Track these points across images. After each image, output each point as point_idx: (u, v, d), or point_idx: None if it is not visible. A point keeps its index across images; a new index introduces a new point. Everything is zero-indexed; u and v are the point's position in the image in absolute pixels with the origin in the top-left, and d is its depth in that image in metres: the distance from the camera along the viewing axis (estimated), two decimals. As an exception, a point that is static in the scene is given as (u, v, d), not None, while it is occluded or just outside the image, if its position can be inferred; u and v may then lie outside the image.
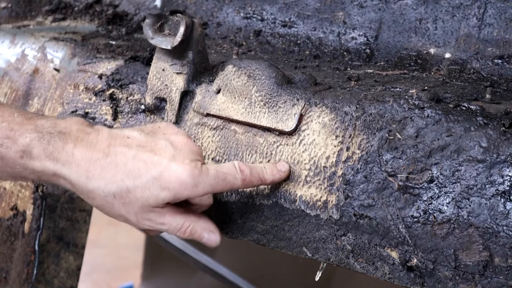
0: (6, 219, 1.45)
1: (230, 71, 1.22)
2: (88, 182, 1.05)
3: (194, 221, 1.10)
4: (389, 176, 1.08)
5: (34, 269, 1.43)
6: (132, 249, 4.00)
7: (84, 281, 2.73)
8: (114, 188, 1.05)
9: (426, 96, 1.10)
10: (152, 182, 1.05)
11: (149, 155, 1.06)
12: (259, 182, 1.12)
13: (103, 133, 1.07)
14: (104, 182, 1.05)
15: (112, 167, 1.05)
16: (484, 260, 1.02)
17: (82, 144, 1.05)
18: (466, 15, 1.32)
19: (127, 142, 1.07)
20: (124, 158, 1.05)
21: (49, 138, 1.05)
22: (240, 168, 1.10)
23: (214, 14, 1.55)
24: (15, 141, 1.05)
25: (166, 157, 1.06)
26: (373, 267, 1.09)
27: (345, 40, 1.41)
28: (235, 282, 2.68)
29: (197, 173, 1.05)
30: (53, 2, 1.69)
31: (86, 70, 1.39)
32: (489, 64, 1.29)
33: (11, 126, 1.05)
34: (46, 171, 1.06)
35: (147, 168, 1.05)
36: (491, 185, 1.03)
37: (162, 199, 1.06)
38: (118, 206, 1.06)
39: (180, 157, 1.06)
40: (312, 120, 1.15)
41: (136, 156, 1.05)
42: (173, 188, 1.05)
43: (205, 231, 1.11)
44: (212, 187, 1.07)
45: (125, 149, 1.06)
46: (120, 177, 1.05)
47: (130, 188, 1.05)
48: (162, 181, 1.05)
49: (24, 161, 1.05)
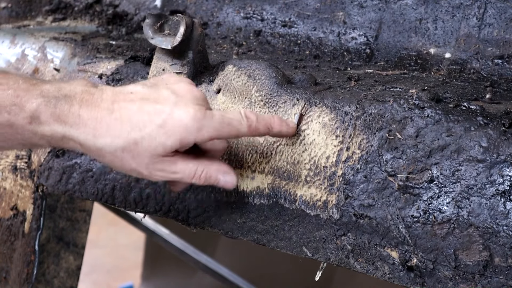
0: (6, 219, 1.45)
1: (230, 71, 1.22)
2: (95, 141, 1.05)
3: (208, 165, 1.10)
4: (389, 176, 1.08)
5: (34, 269, 1.43)
6: (132, 249, 4.01)
7: (84, 281, 2.73)
8: (121, 142, 1.05)
9: (426, 96, 1.10)
10: (157, 131, 1.05)
11: (152, 106, 1.06)
12: (265, 130, 1.12)
13: (107, 92, 1.08)
14: (111, 138, 1.05)
15: (117, 123, 1.05)
16: (484, 260, 1.02)
17: (87, 105, 1.06)
18: (466, 15, 1.32)
19: (131, 97, 1.07)
20: (129, 112, 1.05)
21: (55, 102, 1.05)
22: (246, 115, 1.09)
23: (214, 14, 1.55)
24: (22, 108, 1.05)
25: (168, 105, 1.06)
26: (373, 267, 1.09)
27: (345, 40, 1.41)
28: (235, 282, 2.68)
29: (200, 116, 1.05)
30: (53, 2, 1.69)
31: (86, 70, 1.39)
32: (489, 64, 1.29)
33: (17, 93, 1.06)
34: (55, 135, 1.06)
35: (151, 118, 1.05)
36: (491, 185, 1.03)
37: (169, 146, 1.05)
38: (128, 160, 1.06)
39: (182, 103, 1.06)
40: (312, 120, 1.15)
41: (140, 108, 1.06)
42: (178, 133, 1.05)
43: (220, 173, 1.11)
44: (217, 131, 1.07)
45: (129, 104, 1.06)
46: (126, 131, 1.05)
47: (137, 140, 1.05)
48: (167, 128, 1.05)
49: (33, 127, 1.06)
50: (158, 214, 1.27)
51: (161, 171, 1.08)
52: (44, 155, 1.38)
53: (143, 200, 1.28)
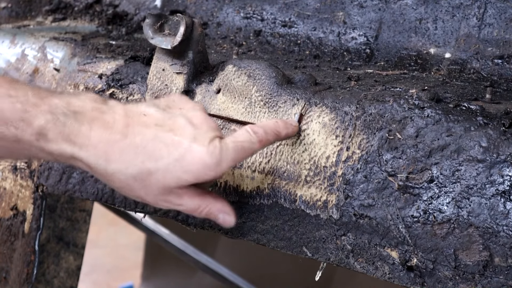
0: (6, 219, 1.45)
1: (230, 71, 1.22)
2: (107, 165, 1.03)
3: (212, 203, 1.09)
4: (389, 176, 1.08)
5: (34, 269, 1.43)
6: (132, 249, 4.00)
7: (84, 281, 2.73)
8: (135, 171, 1.03)
9: (426, 96, 1.10)
10: (173, 165, 1.03)
11: (169, 136, 1.04)
12: (275, 138, 1.11)
13: (119, 112, 1.05)
14: (124, 165, 1.03)
15: (131, 149, 1.03)
16: (484, 260, 1.02)
17: (98, 126, 1.03)
18: (466, 15, 1.32)
19: (144, 120, 1.05)
20: (144, 139, 1.03)
21: (64, 119, 1.02)
22: (253, 131, 1.08)
23: (214, 14, 1.55)
24: (30, 124, 1.02)
25: (186, 138, 1.04)
26: (373, 267, 1.09)
27: (345, 40, 1.41)
28: (235, 282, 2.68)
29: (218, 151, 1.04)
30: (53, 2, 1.69)
31: (86, 70, 1.39)
32: (489, 64, 1.29)
33: (25, 108, 1.02)
34: (64, 154, 1.04)
35: (168, 149, 1.03)
36: (491, 185, 1.03)
37: (184, 181, 1.04)
38: (138, 188, 1.04)
39: (200, 137, 1.04)
40: (312, 120, 1.15)
41: (156, 137, 1.03)
42: (197, 169, 1.03)
43: (220, 213, 1.10)
44: (234, 160, 1.06)
45: (144, 129, 1.04)
46: (141, 160, 1.03)
47: (152, 171, 1.03)
48: (185, 163, 1.03)
49: (40, 144, 1.03)
50: (158, 214, 1.27)
51: (167, 202, 1.07)
52: (44, 155, 1.38)
53: (143, 200, 1.28)
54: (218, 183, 1.21)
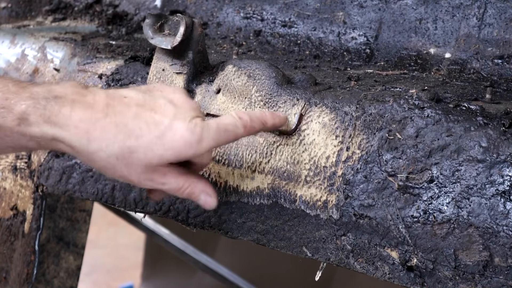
0: (6, 219, 1.45)
1: (230, 71, 1.22)
2: (88, 144, 1.03)
3: (194, 182, 1.09)
4: (389, 176, 1.08)
5: (34, 269, 1.43)
6: (132, 249, 4.01)
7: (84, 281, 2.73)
8: (116, 149, 1.03)
9: (426, 96, 1.10)
10: (155, 142, 1.03)
11: (149, 114, 1.04)
12: (260, 126, 1.11)
13: (100, 94, 1.05)
14: (105, 143, 1.03)
15: (112, 127, 1.03)
16: (484, 260, 1.02)
17: (79, 106, 1.03)
18: (466, 15, 1.32)
19: (125, 101, 1.05)
20: (124, 117, 1.03)
21: (45, 103, 1.03)
22: (239, 116, 1.09)
23: (214, 14, 1.55)
24: (10, 110, 1.02)
25: (167, 116, 1.04)
26: (373, 267, 1.09)
27: (345, 40, 1.41)
28: (235, 282, 2.68)
29: (199, 130, 1.04)
30: (53, 2, 1.69)
31: (86, 70, 1.39)
32: (489, 64, 1.29)
33: (5, 96, 1.03)
34: (45, 136, 1.03)
35: (149, 127, 1.03)
36: (491, 185, 1.03)
37: (166, 159, 1.04)
38: (121, 167, 1.04)
39: (180, 115, 1.05)
40: (312, 120, 1.15)
41: (137, 115, 1.04)
42: (177, 146, 1.04)
43: (202, 193, 1.10)
44: (215, 140, 1.06)
45: (125, 108, 1.04)
46: (122, 138, 1.03)
47: (133, 149, 1.03)
48: (166, 140, 1.03)
49: (21, 128, 1.03)
50: (158, 214, 1.27)
51: (150, 180, 1.06)
52: (44, 155, 1.38)
53: (143, 200, 1.28)
54: (218, 183, 1.21)
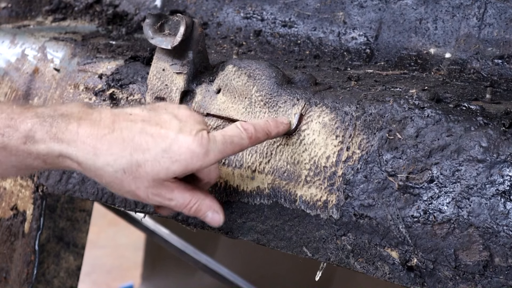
0: (6, 219, 1.45)
1: (230, 71, 1.22)
2: (96, 159, 1.03)
3: (201, 199, 1.09)
4: (389, 176, 1.08)
5: (34, 269, 1.43)
6: (132, 249, 4.00)
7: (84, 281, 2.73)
8: (124, 162, 1.03)
9: (426, 96, 1.10)
10: (161, 155, 1.03)
11: (155, 128, 1.05)
12: (265, 136, 1.12)
13: (106, 112, 1.06)
14: (113, 157, 1.03)
15: (119, 142, 1.03)
16: (484, 260, 1.02)
17: (86, 123, 1.04)
18: (466, 15, 1.32)
19: (131, 117, 1.06)
20: (131, 132, 1.04)
21: (51, 120, 1.03)
22: (243, 127, 1.09)
23: (214, 14, 1.55)
24: (16, 129, 1.03)
25: (173, 130, 1.05)
26: (373, 267, 1.09)
27: (345, 40, 1.41)
28: (235, 282, 2.68)
29: (205, 141, 1.05)
30: (53, 2, 1.69)
31: (86, 70, 1.39)
32: (489, 64, 1.29)
33: (10, 116, 1.03)
34: (51, 153, 1.04)
35: (155, 141, 1.04)
36: (491, 185, 1.03)
37: (173, 172, 1.05)
38: (128, 182, 1.05)
39: (186, 128, 1.05)
40: (312, 120, 1.15)
41: (143, 130, 1.04)
42: (184, 159, 1.04)
43: (209, 210, 1.10)
44: (222, 152, 1.07)
45: (130, 124, 1.05)
46: (129, 152, 1.03)
47: (140, 162, 1.03)
48: (172, 153, 1.04)
49: (27, 146, 1.03)
50: (158, 214, 1.27)
51: (158, 195, 1.07)
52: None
53: (143, 200, 1.28)
54: (218, 183, 1.21)
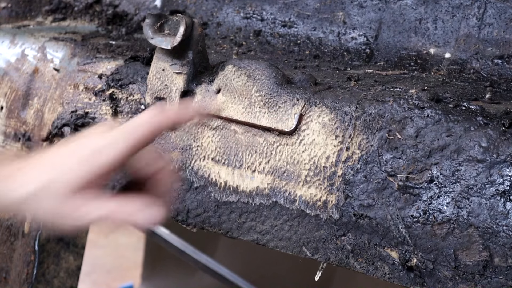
0: (6, 219, 1.45)
1: (230, 71, 1.22)
2: (8, 193, 0.97)
3: (123, 205, 0.98)
4: (389, 176, 1.08)
5: (34, 269, 1.43)
6: (132, 249, 4.00)
7: (84, 281, 2.73)
8: (32, 186, 0.95)
9: (426, 96, 1.10)
10: (67, 164, 0.95)
11: (63, 149, 0.98)
12: (183, 113, 0.99)
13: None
14: (19, 185, 0.96)
15: (29, 169, 0.98)
16: (484, 260, 1.02)
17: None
18: (466, 15, 1.32)
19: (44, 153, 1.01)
20: (40, 158, 0.99)
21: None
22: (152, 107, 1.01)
23: (214, 14, 1.55)
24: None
25: (77, 139, 0.98)
26: (373, 267, 1.09)
27: (345, 40, 1.41)
28: (235, 282, 2.68)
29: (106, 129, 0.97)
30: (53, 2, 1.69)
31: (86, 70, 1.39)
32: (489, 64, 1.29)
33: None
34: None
35: (61, 158, 0.96)
36: (491, 185, 1.03)
37: (82, 176, 0.95)
38: (41, 205, 0.96)
39: (87, 132, 0.98)
40: (312, 120, 1.15)
41: (54, 153, 0.99)
42: (88, 157, 0.95)
43: (139, 213, 0.98)
44: (133, 134, 0.95)
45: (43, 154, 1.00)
46: (36, 175, 0.96)
47: (50, 179, 0.95)
48: (76, 157, 0.95)
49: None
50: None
51: (76, 211, 0.95)
52: (44, 155, 1.38)
53: (143, 200, 1.28)
54: (218, 183, 1.21)
